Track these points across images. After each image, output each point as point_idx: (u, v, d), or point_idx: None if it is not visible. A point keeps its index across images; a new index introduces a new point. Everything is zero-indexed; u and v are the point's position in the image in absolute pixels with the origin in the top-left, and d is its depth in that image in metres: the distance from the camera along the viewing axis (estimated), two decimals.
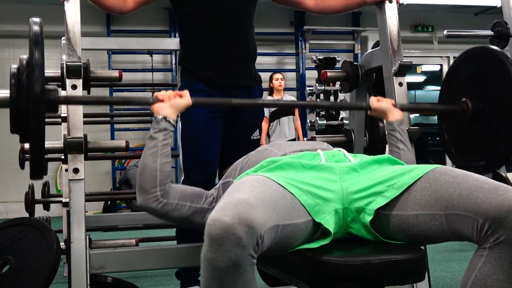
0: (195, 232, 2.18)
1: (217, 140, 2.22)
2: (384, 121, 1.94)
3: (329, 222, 1.40)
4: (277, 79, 6.35)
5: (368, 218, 1.42)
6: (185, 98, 1.73)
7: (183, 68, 2.29)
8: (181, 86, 2.27)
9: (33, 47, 1.51)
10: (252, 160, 1.67)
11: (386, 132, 1.91)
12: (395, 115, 1.88)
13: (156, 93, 1.73)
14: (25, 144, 2.22)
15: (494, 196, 1.27)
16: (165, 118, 1.67)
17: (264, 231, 1.21)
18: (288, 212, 1.33)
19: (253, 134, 2.30)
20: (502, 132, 1.86)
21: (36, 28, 1.55)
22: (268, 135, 6.19)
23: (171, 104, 1.69)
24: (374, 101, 1.89)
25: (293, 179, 1.42)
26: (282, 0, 2.38)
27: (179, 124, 2.20)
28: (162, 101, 1.70)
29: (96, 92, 6.73)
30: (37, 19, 1.60)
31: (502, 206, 1.25)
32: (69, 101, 1.88)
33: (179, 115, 1.95)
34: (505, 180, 2.75)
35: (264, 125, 6.00)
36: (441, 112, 2.20)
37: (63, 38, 2.19)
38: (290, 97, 6.67)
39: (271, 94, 6.46)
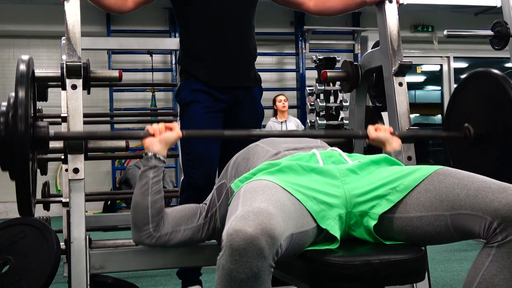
0: None
1: (216, 140, 2.22)
2: (382, 150, 1.90)
3: (334, 228, 1.39)
4: (280, 101, 6.40)
5: (372, 223, 1.41)
6: (175, 132, 1.72)
7: (182, 69, 2.29)
8: (180, 85, 2.27)
9: (18, 86, 1.52)
10: (241, 158, 1.66)
11: None
12: (394, 145, 1.86)
13: (147, 127, 1.72)
14: None
15: (504, 195, 1.27)
16: (155, 155, 1.66)
17: (283, 241, 1.21)
18: (299, 220, 1.33)
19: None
20: (505, 157, 1.86)
21: (22, 67, 1.57)
22: None
23: (161, 139, 1.69)
24: (372, 131, 1.87)
25: (298, 184, 1.40)
26: (282, 1, 2.37)
27: (178, 122, 2.20)
28: (153, 135, 1.69)
29: (96, 92, 6.76)
30: (25, 57, 1.62)
31: None
32: (60, 137, 1.89)
33: (178, 115, 1.95)
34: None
35: None
36: (443, 139, 2.21)
37: (63, 38, 2.19)
38: (294, 118, 6.69)
39: (275, 115, 6.50)
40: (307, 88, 5.89)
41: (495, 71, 1.99)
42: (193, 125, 2.16)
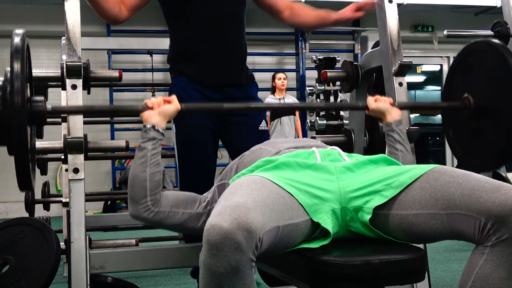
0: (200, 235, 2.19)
1: (212, 150, 2.21)
2: (382, 121, 1.92)
3: (327, 222, 1.40)
4: (279, 79, 6.37)
5: (367, 217, 1.42)
6: (173, 104, 1.72)
7: (173, 67, 2.27)
8: (172, 84, 2.25)
9: (13, 60, 1.51)
10: (246, 160, 1.66)
11: (385, 133, 1.90)
12: (394, 115, 1.86)
13: (146, 100, 1.72)
14: None
15: (497, 195, 1.27)
16: (153, 127, 1.66)
17: (263, 234, 1.21)
18: (287, 212, 1.33)
19: (261, 125, 2.26)
20: (506, 128, 1.86)
21: (16, 40, 1.56)
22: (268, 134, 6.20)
23: (159, 111, 1.68)
24: (372, 101, 1.87)
25: (290, 179, 1.41)
26: (264, 6, 2.35)
27: (173, 127, 2.19)
28: (151, 108, 1.69)
29: (96, 92, 6.76)
30: (20, 31, 1.60)
31: (505, 205, 1.24)
32: (57, 111, 1.88)
33: (172, 120, 1.94)
34: (505, 180, 2.75)
35: None
36: (443, 109, 2.19)
37: (63, 38, 2.19)
38: (291, 97, 6.68)
39: (273, 93, 6.46)
40: (307, 88, 5.89)
41: (496, 41, 1.98)
42: (186, 123, 2.14)
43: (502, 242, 1.25)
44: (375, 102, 1.87)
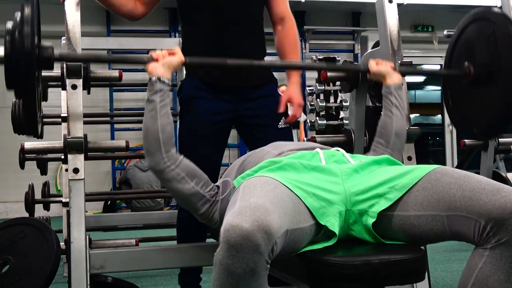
0: (194, 236, 2.16)
1: (221, 150, 2.17)
2: (382, 84, 1.92)
3: (334, 225, 1.40)
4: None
5: (370, 221, 1.42)
6: (178, 56, 1.73)
7: (188, 71, 2.24)
8: (183, 82, 2.21)
9: (24, 4, 1.52)
10: (248, 160, 1.66)
11: (383, 96, 1.90)
12: (394, 78, 1.88)
13: (151, 52, 1.73)
14: (25, 144, 2.22)
15: (497, 197, 1.27)
16: (159, 78, 1.67)
17: (278, 237, 1.21)
18: (295, 216, 1.33)
19: (280, 123, 2.19)
20: (505, 96, 1.85)
21: None
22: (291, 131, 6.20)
23: (164, 63, 1.70)
24: (373, 64, 1.89)
25: (298, 181, 1.41)
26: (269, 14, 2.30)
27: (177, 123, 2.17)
28: (156, 60, 1.70)
29: (96, 92, 6.75)
30: None
31: (505, 208, 1.24)
32: (64, 58, 1.89)
33: (177, 116, 1.93)
34: (505, 180, 2.75)
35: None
36: (443, 76, 2.19)
37: (63, 38, 2.19)
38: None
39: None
40: (307, 88, 5.89)
41: (497, 10, 1.98)
42: (196, 122, 2.11)
43: (502, 244, 1.25)
44: (376, 65, 1.88)
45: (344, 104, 5.10)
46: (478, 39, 1.96)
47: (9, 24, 1.57)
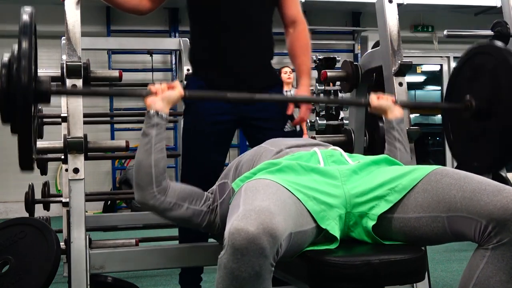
0: (196, 235, 2.16)
1: (223, 151, 2.15)
2: (384, 118, 1.92)
3: (335, 228, 1.39)
4: (285, 72, 6.38)
5: (371, 223, 1.41)
6: (177, 90, 1.71)
7: (192, 65, 2.22)
8: (189, 80, 2.20)
9: (21, 37, 1.51)
10: (246, 159, 1.66)
11: (385, 130, 1.90)
12: (395, 113, 1.87)
13: (149, 86, 1.71)
14: None
15: (499, 198, 1.26)
16: (157, 113, 1.66)
17: (283, 240, 1.21)
18: (299, 219, 1.32)
19: (285, 127, 2.17)
20: (507, 131, 1.85)
21: (25, 17, 1.55)
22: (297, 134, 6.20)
23: (163, 97, 1.69)
24: (374, 99, 1.87)
25: (298, 184, 1.40)
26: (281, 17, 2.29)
27: (181, 122, 2.15)
28: (155, 94, 1.69)
29: None
30: (28, 8, 1.59)
31: (507, 209, 1.24)
32: (62, 92, 1.88)
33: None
34: (505, 181, 2.75)
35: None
36: (444, 110, 2.19)
37: (63, 38, 2.19)
38: (294, 89, 6.67)
39: None
40: None
41: (499, 44, 1.98)
42: (196, 121, 2.10)
43: (503, 245, 1.25)
44: (377, 99, 1.87)
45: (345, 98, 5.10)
46: (480, 73, 1.96)
47: (6, 58, 1.54)
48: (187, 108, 2.18)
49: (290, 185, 1.38)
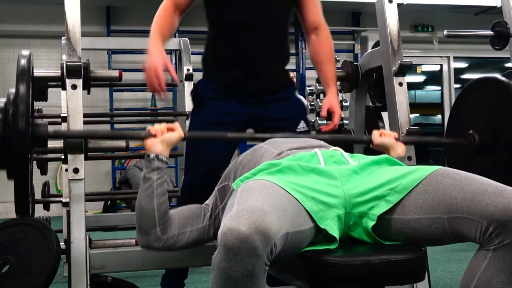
0: None
1: (228, 153, 2.12)
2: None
3: (333, 228, 1.39)
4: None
5: (370, 224, 1.41)
6: (177, 132, 1.70)
7: (204, 68, 2.20)
8: (200, 82, 2.17)
9: (19, 83, 1.48)
10: (246, 159, 1.65)
11: None
12: (398, 151, 1.84)
13: (149, 127, 1.70)
14: None
15: (500, 199, 1.26)
16: (157, 156, 1.64)
17: (277, 239, 1.21)
18: (296, 219, 1.32)
19: (299, 127, 2.17)
20: (510, 165, 1.85)
21: (23, 62, 1.53)
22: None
23: (162, 140, 1.67)
24: (377, 136, 1.86)
25: (296, 184, 1.40)
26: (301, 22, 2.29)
27: (187, 121, 2.14)
28: (154, 136, 1.67)
29: (96, 92, 6.76)
30: (26, 52, 1.58)
31: (508, 210, 1.24)
32: (58, 135, 1.86)
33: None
34: None
35: None
36: (448, 145, 2.19)
37: (63, 38, 2.19)
38: (300, 96, 6.66)
39: None
40: (307, 88, 5.88)
41: (502, 78, 1.98)
42: (201, 122, 2.08)
43: (505, 246, 1.25)
44: (379, 136, 1.86)
45: (344, 104, 5.10)
46: (483, 106, 1.96)
47: (2, 103, 1.52)
48: (195, 109, 2.16)
49: (288, 186, 1.38)
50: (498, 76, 2.04)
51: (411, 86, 8.59)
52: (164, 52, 2.01)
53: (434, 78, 8.74)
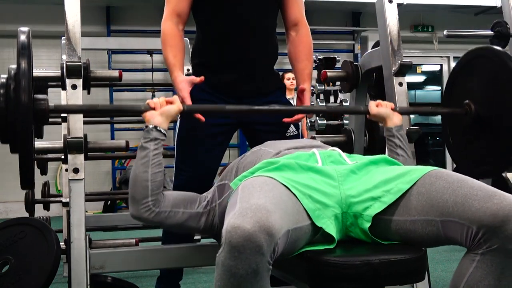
0: (179, 236, 2.13)
1: (215, 153, 2.11)
2: (383, 126, 1.90)
3: (330, 227, 1.40)
4: (288, 79, 6.35)
5: (366, 225, 1.42)
6: (176, 105, 1.71)
7: (193, 69, 2.19)
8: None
9: (20, 58, 1.49)
10: (247, 161, 1.66)
11: (386, 138, 1.89)
12: (394, 120, 1.86)
13: (148, 101, 1.71)
14: None
15: (489, 205, 1.27)
16: (155, 127, 1.65)
17: (280, 237, 1.21)
18: (295, 216, 1.33)
19: (288, 131, 2.14)
20: (506, 135, 1.85)
21: (23, 38, 1.54)
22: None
23: (162, 112, 1.68)
24: (373, 107, 1.86)
25: (294, 181, 1.41)
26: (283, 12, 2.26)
27: (178, 123, 2.13)
28: (153, 108, 1.68)
29: (96, 92, 6.76)
30: (25, 29, 1.58)
31: (496, 216, 1.24)
32: (59, 110, 1.87)
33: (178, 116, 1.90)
34: (505, 180, 2.75)
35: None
36: (443, 114, 2.19)
37: (63, 38, 2.19)
38: (289, 100, 6.65)
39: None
40: None
41: (497, 48, 1.97)
42: (191, 122, 2.03)
43: (493, 251, 1.26)
44: (376, 107, 1.86)
45: (344, 104, 5.09)
46: (479, 77, 1.95)
47: (3, 78, 1.53)
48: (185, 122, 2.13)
49: (288, 182, 1.39)
50: (495, 47, 2.02)
51: (411, 86, 8.59)
52: (187, 82, 1.97)
53: (434, 78, 8.74)
